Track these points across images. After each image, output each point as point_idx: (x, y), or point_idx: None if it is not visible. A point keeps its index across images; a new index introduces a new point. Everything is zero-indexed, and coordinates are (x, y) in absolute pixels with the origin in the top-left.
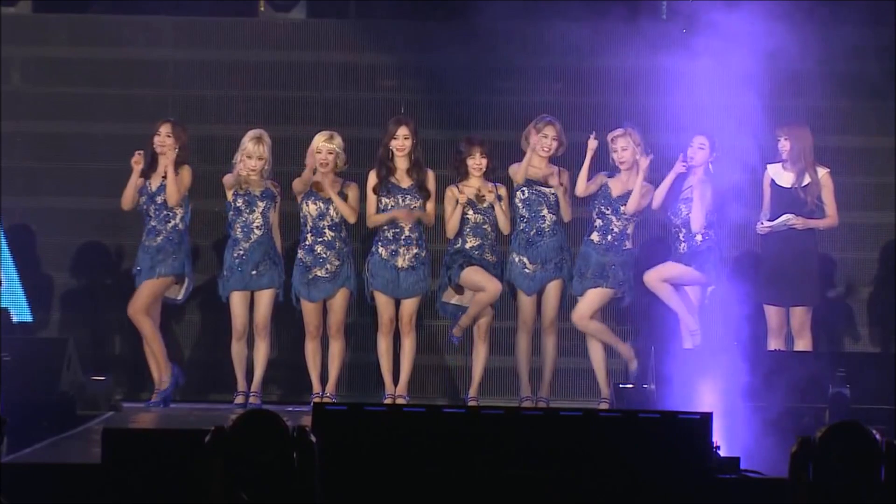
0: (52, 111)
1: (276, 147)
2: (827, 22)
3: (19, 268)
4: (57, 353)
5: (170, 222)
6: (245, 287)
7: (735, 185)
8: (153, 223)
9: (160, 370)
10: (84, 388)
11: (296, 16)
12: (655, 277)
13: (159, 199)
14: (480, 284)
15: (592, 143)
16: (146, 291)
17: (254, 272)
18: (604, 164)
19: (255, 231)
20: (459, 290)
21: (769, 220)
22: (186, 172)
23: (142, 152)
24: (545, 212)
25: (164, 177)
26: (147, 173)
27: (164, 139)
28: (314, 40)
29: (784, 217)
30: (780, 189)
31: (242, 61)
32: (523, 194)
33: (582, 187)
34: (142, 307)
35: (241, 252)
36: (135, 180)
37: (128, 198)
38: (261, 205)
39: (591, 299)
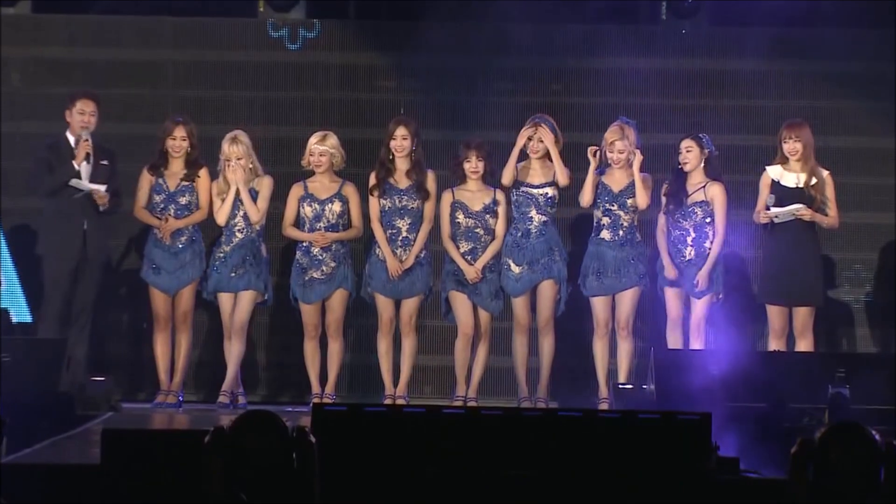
0: (52, 112)
1: (274, 147)
2: (827, 22)
3: (19, 268)
4: (57, 353)
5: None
6: (223, 289)
7: (733, 186)
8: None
9: (176, 381)
10: (84, 389)
11: (295, 16)
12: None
13: (182, 201)
14: (456, 314)
15: (594, 158)
16: (189, 301)
17: (232, 274)
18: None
19: (237, 234)
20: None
21: (775, 206)
22: (206, 175)
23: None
24: (533, 213)
25: (182, 178)
26: (158, 170)
27: (181, 143)
28: (314, 41)
29: (794, 206)
30: (787, 189)
31: (242, 61)
32: (513, 196)
33: (588, 198)
34: (189, 317)
35: (222, 255)
36: (147, 218)
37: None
38: (242, 208)
39: (633, 302)
